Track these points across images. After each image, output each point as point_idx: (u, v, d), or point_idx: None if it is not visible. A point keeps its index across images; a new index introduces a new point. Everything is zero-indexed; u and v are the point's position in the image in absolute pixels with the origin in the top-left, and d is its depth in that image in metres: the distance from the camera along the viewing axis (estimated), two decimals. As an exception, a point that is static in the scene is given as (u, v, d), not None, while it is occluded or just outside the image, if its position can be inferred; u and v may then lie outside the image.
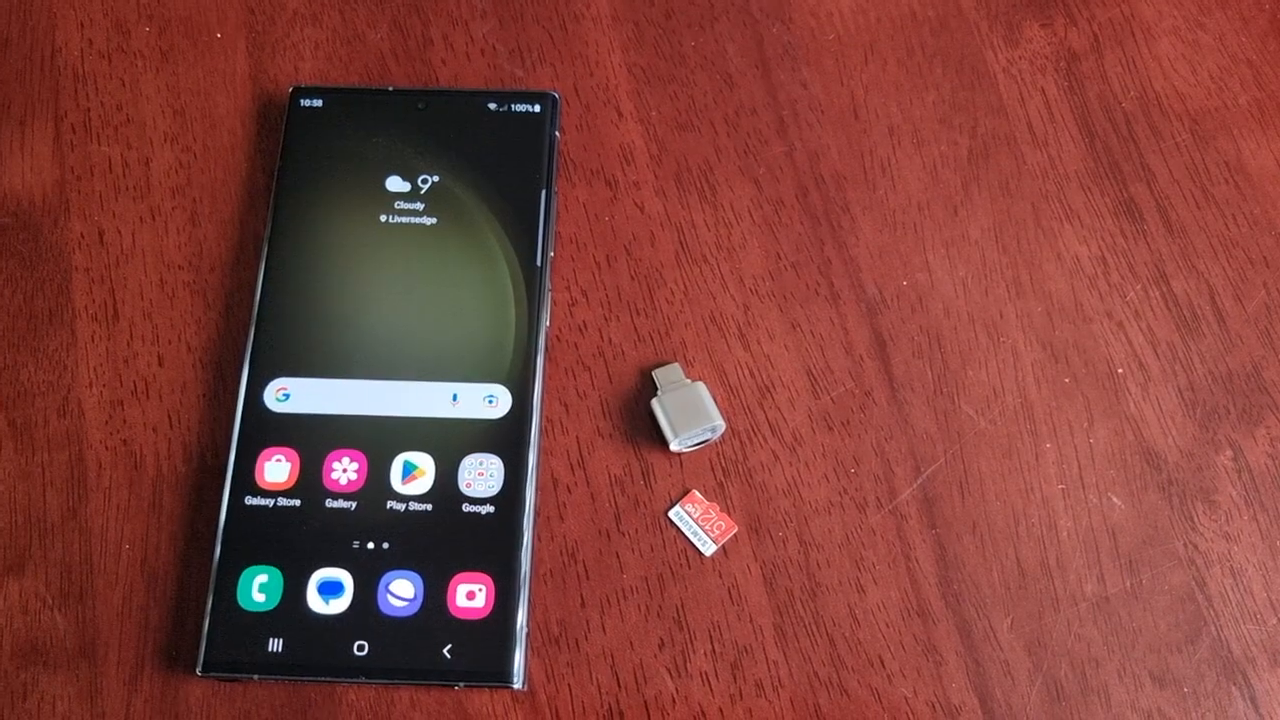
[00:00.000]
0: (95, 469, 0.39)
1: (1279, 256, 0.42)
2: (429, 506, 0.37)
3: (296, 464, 0.37)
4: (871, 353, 0.40)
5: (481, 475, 0.37)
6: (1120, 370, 0.40)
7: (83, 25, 0.45)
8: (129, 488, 0.38)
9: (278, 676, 0.35)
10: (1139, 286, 0.41)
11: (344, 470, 0.37)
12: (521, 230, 0.40)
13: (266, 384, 0.38)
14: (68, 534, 0.38)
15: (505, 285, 0.40)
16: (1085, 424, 0.40)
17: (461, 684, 0.35)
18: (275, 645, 0.35)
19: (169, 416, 0.39)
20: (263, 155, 0.43)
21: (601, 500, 0.38)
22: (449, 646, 0.35)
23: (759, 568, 0.38)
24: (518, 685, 0.35)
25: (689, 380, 0.39)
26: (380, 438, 0.38)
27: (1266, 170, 0.43)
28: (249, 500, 0.37)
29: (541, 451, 0.39)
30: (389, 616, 0.36)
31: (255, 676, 0.35)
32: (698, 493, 0.38)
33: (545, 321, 0.40)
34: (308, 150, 0.41)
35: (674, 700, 0.36)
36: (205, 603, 0.36)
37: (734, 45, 0.45)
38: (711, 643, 0.37)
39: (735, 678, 0.37)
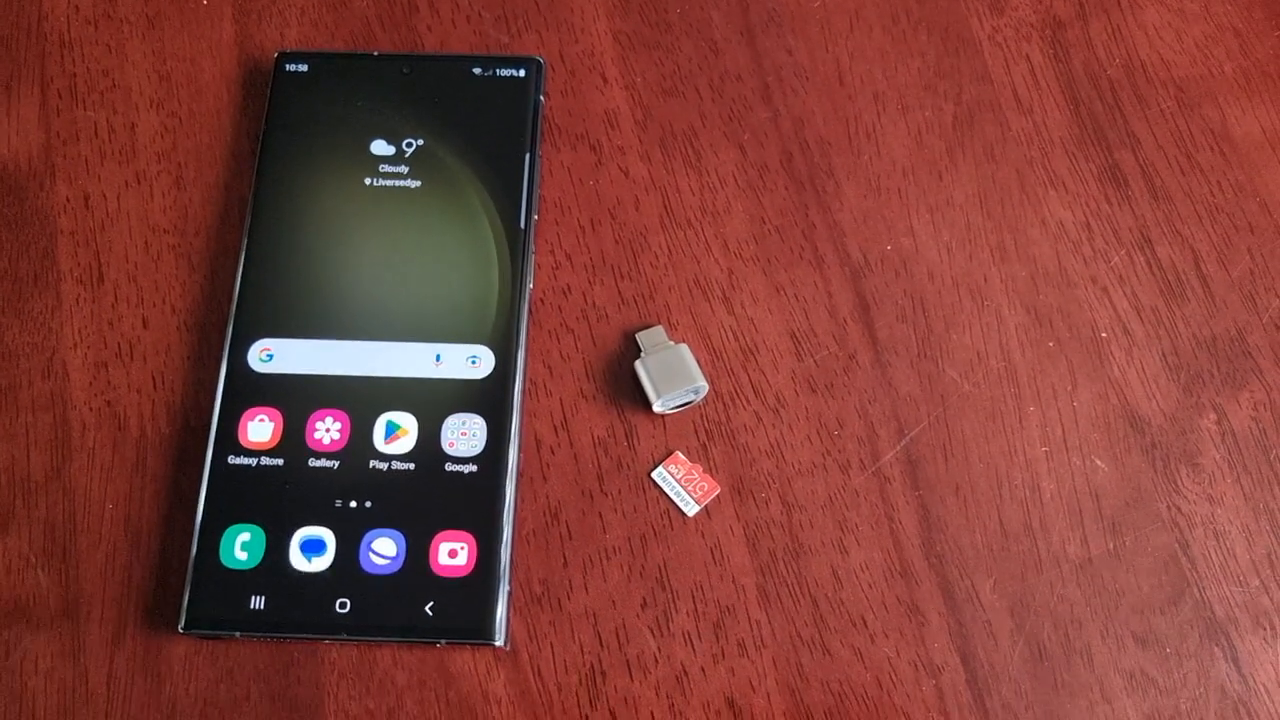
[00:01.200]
0: (79, 430, 0.39)
1: (1263, 222, 0.42)
2: (411, 466, 0.37)
3: (280, 424, 0.37)
4: (855, 316, 0.40)
5: (464, 435, 0.37)
6: (1104, 334, 0.40)
7: (69, -8, 0.45)
8: (113, 448, 0.38)
9: (260, 634, 0.35)
10: (1123, 252, 0.41)
11: (327, 430, 0.37)
12: (505, 194, 0.40)
13: (250, 345, 0.38)
14: (51, 494, 0.38)
15: (489, 248, 0.40)
16: (1069, 387, 0.40)
17: (443, 641, 0.35)
18: (257, 603, 0.35)
19: (153, 378, 0.39)
20: (248, 120, 0.43)
21: (585, 461, 0.38)
22: (431, 604, 0.35)
23: (742, 528, 0.38)
24: (499, 643, 0.35)
25: (672, 343, 0.39)
26: (363, 398, 0.38)
27: (1251, 137, 0.43)
28: (232, 460, 0.37)
29: (525, 412, 0.39)
30: (371, 574, 0.36)
31: (237, 634, 0.35)
32: (681, 454, 0.39)
33: (529, 284, 0.40)
34: (293, 114, 0.41)
35: (656, 659, 0.36)
36: (188, 561, 0.36)
37: (719, 12, 0.45)
38: (694, 602, 0.37)
39: (718, 637, 0.37)
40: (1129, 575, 0.37)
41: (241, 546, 0.36)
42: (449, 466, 0.37)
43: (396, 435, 0.37)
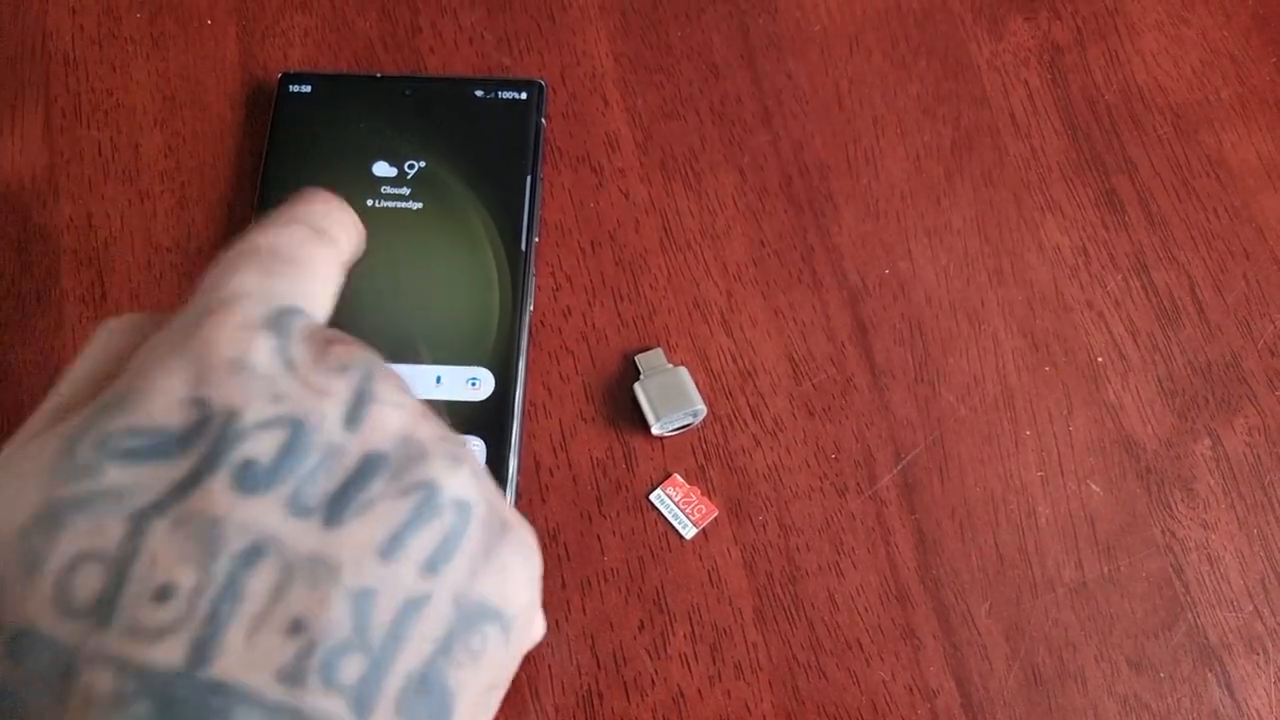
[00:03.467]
0: (81, 448, 0.39)
1: (1258, 248, 0.42)
2: (411, 487, 0.37)
3: (280, 444, 0.38)
4: (853, 339, 0.41)
5: (464, 457, 0.37)
6: (1100, 359, 0.41)
7: (74, 11, 0.45)
8: (114, 467, 0.39)
9: (259, 654, 0.36)
10: (1120, 277, 0.42)
11: (327, 451, 0.38)
12: (507, 215, 0.41)
13: (252, 365, 0.39)
14: (53, 512, 0.38)
15: (490, 269, 0.40)
16: (1065, 412, 0.40)
17: (441, 663, 0.36)
18: (257, 623, 0.36)
19: (155, 397, 0.39)
20: (251, 140, 0.43)
21: (583, 483, 0.39)
22: (429, 625, 0.36)
23: (739, 551, 0.38)
24: (497, 664, 0.35)
25: (671, 365, 0.40)
26: (364, 419, 0.38)
27: (1247, 163, 0.43)
28: (233, 480, 0.37)
29: (524, 434, 0.39)
30: (370, 595, 0.36)
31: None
32: (679, 476, 0.39)
33: (529, 306, 0.40)
34: (296, 135, 0.42)
35: (653, 681, 0.37)
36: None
37: (720, 35, 0.45)
38: (691, 625, 0.37)
39: (714, 659, 0.37)
40: (1123, 600, 0.38)
41: (242, 566, 0.36)
42: (448, 488, 0.37)
43: (396, 456, 0.37)
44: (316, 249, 0.25)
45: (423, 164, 0.41)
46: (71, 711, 0.20)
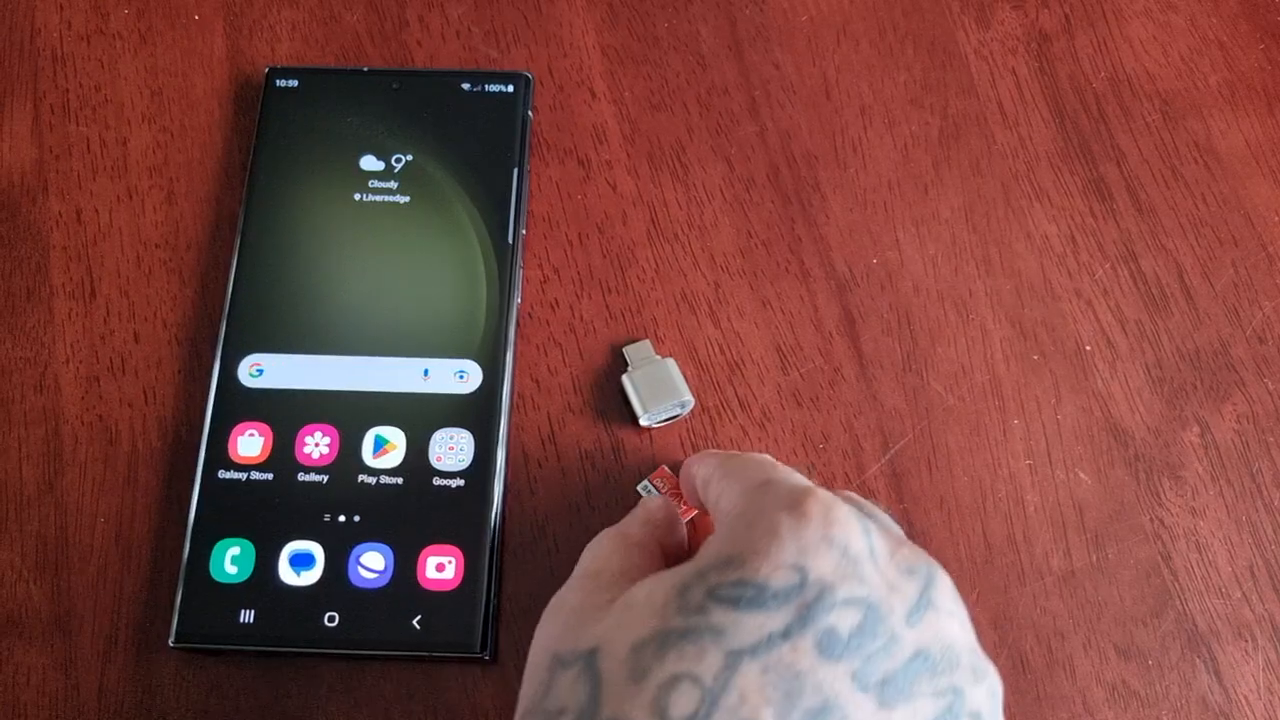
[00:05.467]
0: (71, 444, 0.39)
1: (1247, 235, 0.42)
2: (400, 480, 0.37)
3: (269, 438, 0.38)
4: (841, 330, 0.41)
5: (452, 449, 0.38)
6: (1088, 348, 0.41)
7: (62, 7, 0.45)
8: (104, 462, 0.39)
9: (249, 647, 0.36)
10: (1108, 265, 0.42)
11: (316, 444, 0.38)
12: (494, 208, 0.41)
13: (240, 360, 0.39)
14: (44, 507, 0.38)
15: (477, 262, 0.40)
16: (1053, 400, 0.40)
17: (431, 655, 0.36)
18: (247, 616, 0.36)
19: (144, 392, 0.40)
20: (239, 135, 0.43)
21: (572, 475, 0.39)
22: (418, 618, 0.36)
23: (727, 541, 0.38)
24: (486, 656, 0.36)
25: (659, 357, 0.40)
26: (352, 412, 0.38)
27: (1235, 150, 0.43)
28: (222, 474, 0.37)
29: (512, 426, 0.39)
30: (359, 588, 0.36)
31: (227, 647, 0.36)
32: (667, 467, 0.39)
33: (517, 298, 0.40)
34: (283, 130, 0.42)
35: (642, 672, 0.37)
36: (178, 575, 0.36)
37: (707, 26, 0.45)
38: (680, 615, 0.37)
39: (703, 650, 0.37)
40: (1111, 587, 0.38)
41: (231, 560, 0.36)
42: (437, 481, 0.37)
43: (385, 450, 0.38)
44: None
45: (410, 158, 0.41)
46: None
